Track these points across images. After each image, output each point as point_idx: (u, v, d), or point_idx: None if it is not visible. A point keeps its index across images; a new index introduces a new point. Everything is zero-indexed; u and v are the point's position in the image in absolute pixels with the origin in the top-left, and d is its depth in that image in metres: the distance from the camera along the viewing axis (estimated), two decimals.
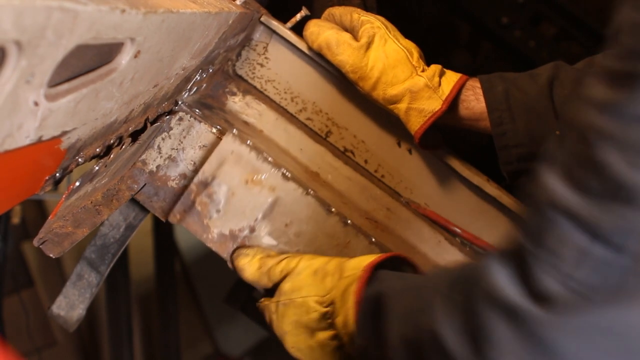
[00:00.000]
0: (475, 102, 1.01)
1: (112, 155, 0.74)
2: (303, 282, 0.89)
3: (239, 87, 1.11)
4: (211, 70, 1.00)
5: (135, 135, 0.80)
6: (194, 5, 0.66)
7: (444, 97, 0.98)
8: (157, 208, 1.01)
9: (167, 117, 0.94)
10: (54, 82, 0.46)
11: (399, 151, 1.13)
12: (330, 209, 1.01)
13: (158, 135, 0.98)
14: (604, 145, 0.51)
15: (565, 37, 1.85)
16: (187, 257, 2.75)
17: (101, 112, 0.60)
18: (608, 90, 0.52)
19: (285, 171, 1.00)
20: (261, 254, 0.97)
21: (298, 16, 1.10)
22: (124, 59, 0.55)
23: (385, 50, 0.99)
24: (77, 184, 0.74)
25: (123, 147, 0.77)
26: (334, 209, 1.01)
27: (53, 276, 2.65)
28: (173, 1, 0.61)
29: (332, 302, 0.85)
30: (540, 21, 1.86)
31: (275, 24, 1.08)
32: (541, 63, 1.04)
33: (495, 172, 1.06)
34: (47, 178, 0.61)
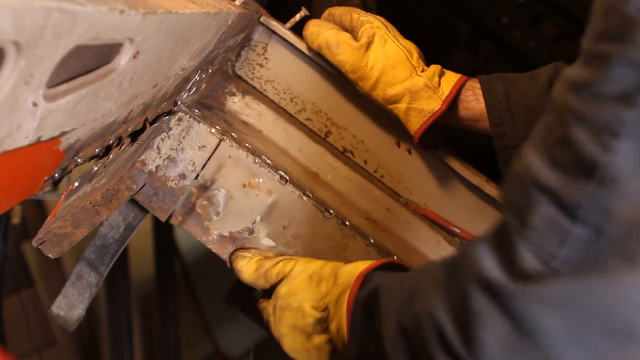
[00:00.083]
0: (475, 102, 1.01)
1: (111, 156, 0.74)
2: (299, 286, 0.89)
3: (238, 87, 1.11)
4: (210, 70, 1.00)
5: (134, 135, 0.80)
6: (193, 5, 0.66)
7: (443, 97, 0.98)
8: (156, 208, 1.01)
9: (167, 117, 0.94)
10: (52, 83, 0.46)
11: (399, 151, 1.13)
12: (328, 210, 1.01)
13: (157, 135, 0.98)
14: (575, 123, 0.52)
15: (565, 37, 1.85)
16: (187, 257, 2.75)
17: (100, 112, 0.60)
18: (581, 70, 0.53)
19: (283, 174, 1.00)
20: (259, 255, 0.97)
21: (297, 16, 1.10)
22: (123, 59, 0.55)
23: (385, 50, 0.99)
24: (76, 184, 0.74)
25: (122, 147, 0.77)
26: (331, 211, 1.01)
27: (53, 276, 2.65)
28: (172, 2, 0.61)
29: (326, 307, 0.86)
30: (540, 21, 1.86)
31: (274, 24, 1.08)
32: (541, 63, 1.04)
33: (494, 172, 1.06)
34: (46, 178, 0.61)
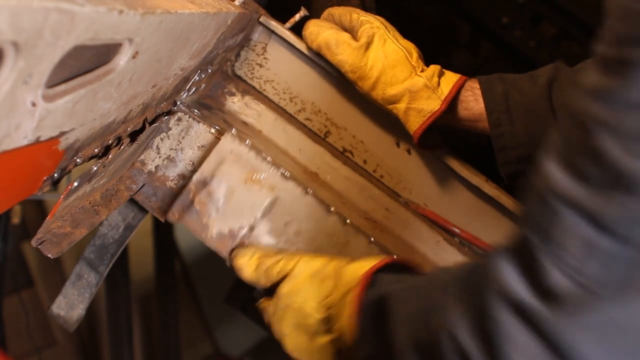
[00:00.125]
0: (474, 102, 1.01)
1: (110, 156, 0.74)
2: (301, 285, 0.88)
3: (237, 87, 1.11)
4: (210, 70, 1.00)
5: (133, 135, 0.80)
6: (192, 5, 0.66)
7: (443, 97, 0.98)
8: (156, 208, 1.01)
9: (166, 117, 0.94)
10: (51, 83, 0.46)
11: (398, 151, 1.13)
12: (329, 208, 1.01)
13: (157, 135, 0.98)
14: (600, 132, 0.50)
15: (565, 37, 1.85)
16: (187, 257, 2.75)
17: (99, 112, 0.60)
18: (602, 77, 0.51)
19: (285, 171, 0.99)
20: (259, 253, 0.95)
21: (297, 16, 1.10)
22: (122, 59, 0.55)
23: (384, 50, 0.99)
24: (75, 184, 0.74)
25: (121, 147, 0.77)
26: (333, 208, 1.01)
27: (53, 276, 2.65)
28: (171, 2, 0.61)
29: (330, 307, 0.84)
30: (540, 21, 1.86)
31: (274, 24, 1.08)
32: (541, 63, 1.04)
33: (494, 172, 1.06)
34: (46, 178, 0.61)
